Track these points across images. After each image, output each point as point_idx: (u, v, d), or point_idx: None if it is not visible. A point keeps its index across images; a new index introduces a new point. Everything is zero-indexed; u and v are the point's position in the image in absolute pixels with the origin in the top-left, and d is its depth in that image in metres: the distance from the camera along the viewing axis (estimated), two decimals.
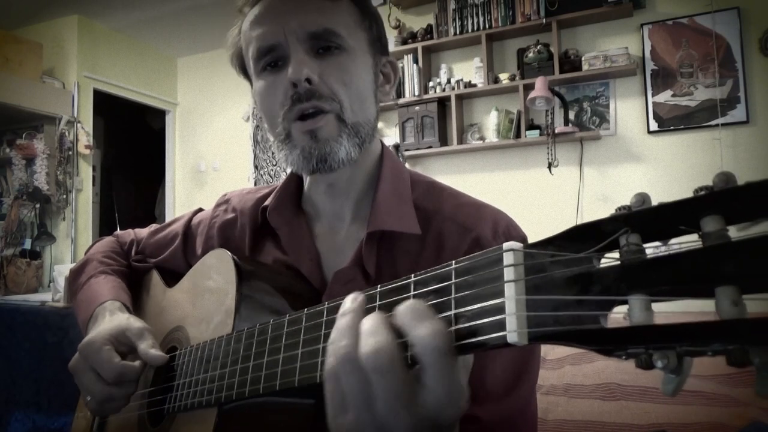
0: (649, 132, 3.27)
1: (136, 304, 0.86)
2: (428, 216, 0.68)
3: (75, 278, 0.87)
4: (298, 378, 0.45)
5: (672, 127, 3.22)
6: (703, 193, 0.26)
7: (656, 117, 3.25)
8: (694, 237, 0.27)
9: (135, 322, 0.69)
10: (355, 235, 0.70)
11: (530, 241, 0.66)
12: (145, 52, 4.92)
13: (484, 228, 0.65)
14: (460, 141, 3.64)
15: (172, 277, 0.82)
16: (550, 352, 1.61)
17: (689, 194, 0.27)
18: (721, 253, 0.25)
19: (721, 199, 0.26)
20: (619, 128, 3.35)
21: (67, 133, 4.16)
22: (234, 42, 0.72)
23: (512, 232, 0.66)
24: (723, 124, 3.07)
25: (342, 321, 0.38)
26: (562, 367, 1.49)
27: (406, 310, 0.36)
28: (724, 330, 0.25)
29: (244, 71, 0.73)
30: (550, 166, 3.39)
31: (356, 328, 0.37)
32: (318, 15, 0.64)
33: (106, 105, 4.69)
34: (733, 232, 0.26)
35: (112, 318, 0.72)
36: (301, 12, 0.64)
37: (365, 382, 0.36)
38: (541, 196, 3.49)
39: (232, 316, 0.59)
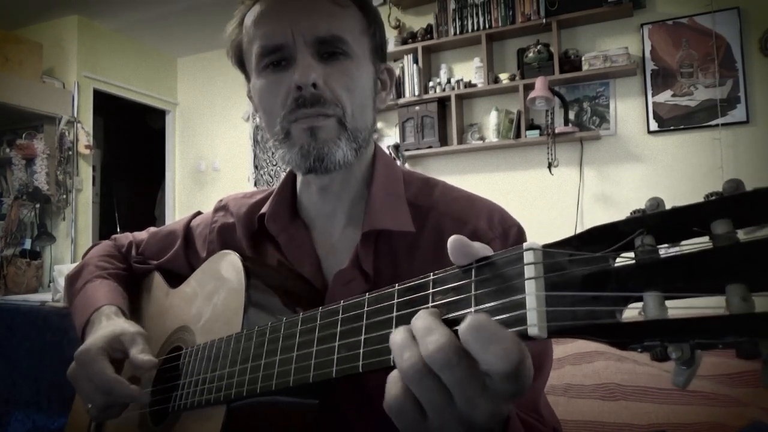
0: (649, 132, 3.27)
1: (136, 305, 0.85)
2: (424, 212, 0.69)
3: (71, 283, 0.87)
4: (312, 374, 0.46)
5: (672, 127, 3.22)
6: (713, 198, 0.28)
7: (656, 117, 3.25)
8: (705, 239, 0.28)
9: (129, 327, 0.70)
10: (351, 236, 0.70)
11: (528, 235, 0.66)
12: (145, 52, 4.92)
13: (479, 220, 0.67)
14: (460, 141, 3.64)
15: (174, 279, 0.82)
16: None
17: (690, 194, 0.28)
18: (731, 253, 0.27)
19: (731, 204, 0.28)
20: (619, 128, 3.35)
21: (67, 133, 4.16)
22: (234, 33, 0.71)
23: (507, 221, 0.68)
24: (723, 124, 3.07)
25: (396, 337, 0.38)
26: (562, 367, 1.49)
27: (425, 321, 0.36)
28: (735, 323, 0.26)
29: (241, 64, 0.73)
30: (550, 166, 3.39)
31: (411, 340, 0.37)
32: (327, 20, 0.64)
33: (106, 105, 4.69)
34: (741, 236, 0.27)
35: (108, 323, 0.73)
36: (310, 14, 0.63)
37: (437, 383, 0.35)
38: (541, 196, 3.49)
39: (241, 315, 0.60)
